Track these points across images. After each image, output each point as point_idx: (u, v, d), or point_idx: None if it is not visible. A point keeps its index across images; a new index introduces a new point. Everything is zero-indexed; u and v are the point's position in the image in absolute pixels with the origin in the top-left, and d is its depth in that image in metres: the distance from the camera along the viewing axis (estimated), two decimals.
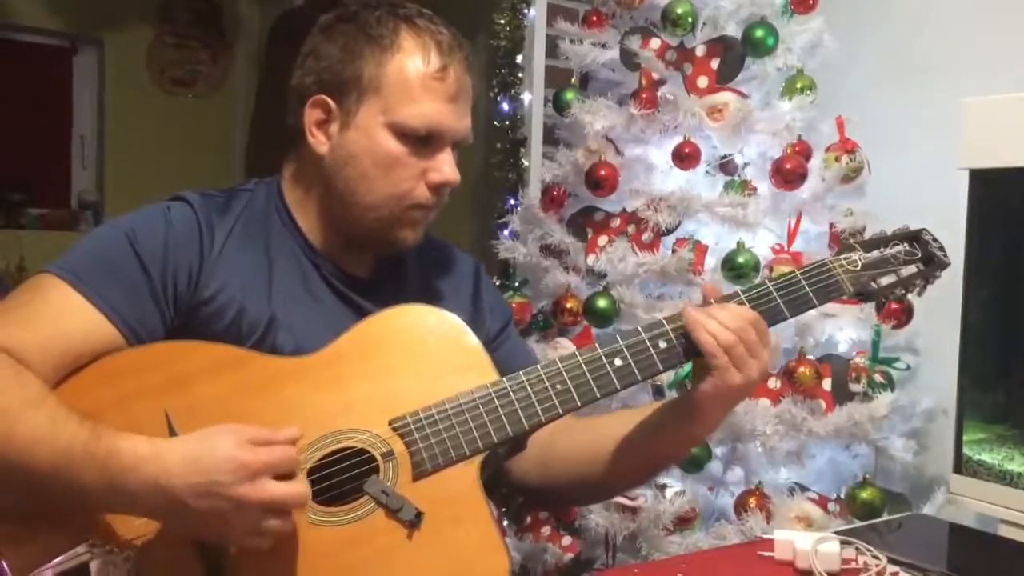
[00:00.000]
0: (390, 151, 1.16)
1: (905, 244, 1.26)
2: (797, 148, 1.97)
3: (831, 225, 1.98)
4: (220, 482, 0.95)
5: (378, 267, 1.28)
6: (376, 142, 1.16)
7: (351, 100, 1.17)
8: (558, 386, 1.14)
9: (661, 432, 1.23)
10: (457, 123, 1.18)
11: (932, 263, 1.26)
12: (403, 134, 1.16)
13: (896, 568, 1.23)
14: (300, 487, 0.99)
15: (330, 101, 1.18)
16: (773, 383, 1.89)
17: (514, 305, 2.29)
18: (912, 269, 1.26)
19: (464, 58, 1.19)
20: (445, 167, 1.18)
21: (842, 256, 1.24)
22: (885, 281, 1.25)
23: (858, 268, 1.23)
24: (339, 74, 1.17)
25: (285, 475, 0.98)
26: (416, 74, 1.15)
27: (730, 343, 1.12)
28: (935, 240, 1.27)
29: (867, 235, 1.40)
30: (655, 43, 2.12)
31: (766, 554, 1.24)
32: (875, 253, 1.25)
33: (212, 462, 0.95)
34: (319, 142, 1.19)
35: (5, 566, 0.97)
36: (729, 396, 1.17)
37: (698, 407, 1.18)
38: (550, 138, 2.58)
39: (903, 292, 1.27)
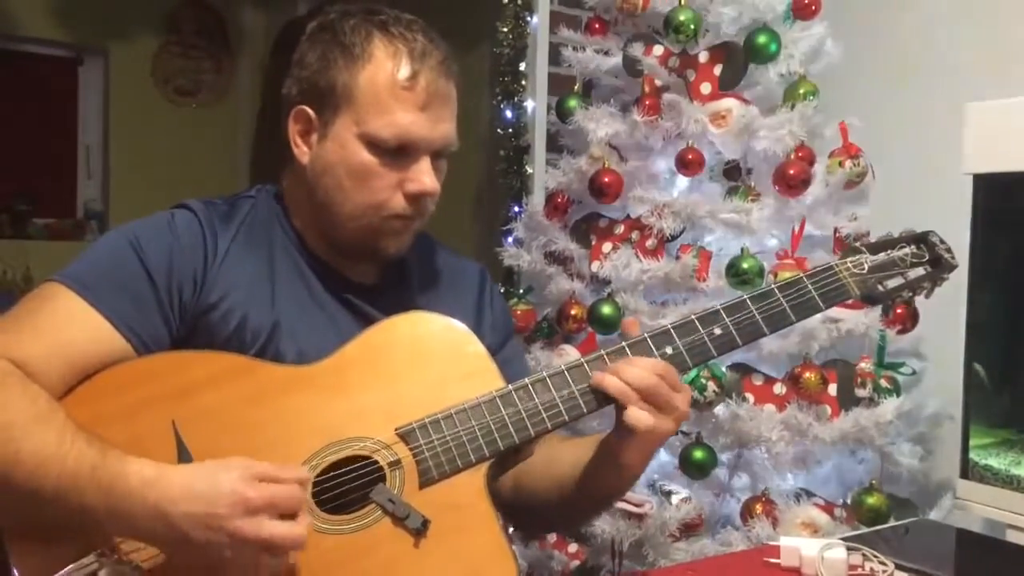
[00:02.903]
0: (363, 162, 1.15)
1: (912, 246, 1.26)
2: (800, 154, 1.97)
3: (835, 230, 1.98)
4: (218, 515, 0.94)
5: (381, 273, 1.28)
6: (349, 153, 1.16)
7: (328, 111, 1.17)
8: (564, 392, 1.14)
9: (595, 474, 1.21)
10: (431, 132, 1.16)
11: (940, 265, 1.25)
12: (375, 145, 1.15)
13: (903, 574, 1.23)
14: (299, 529, 0.97)
15: (310, 111, 1.18)
16: (779, 389, 1.89)
17: (519, 312, 2.29)
18: (919, 271, 1.25)
19: (439, 63, 1.17)
20: (423, 177, 1.17)
21: (848, 259, 1.23)
22: (892, 284, 1.24)
23: (864, 271, 1.23)
24: (316, 84, 1.17)
25: (288, 514, 0.97)
26: (385, 84, 1.14)
27: (648, 390, 1.10)
28: (942, 242, 1.27)
29: (872, 240, 1.40)
30: (658, 50, 2.12)
31: (772, 560, 1.25)
32: (882, 256, 1.25)
33: (213, 493, 0.95)
34: (302, 152, 1.20)
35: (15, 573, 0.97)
36: (645, 445, 1.15)
37: (618, 455, 1.16)
38: (553, 145, 2.59)
39: (910, 295, 1.26)
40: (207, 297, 1.15)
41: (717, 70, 2.04)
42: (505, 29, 2.67)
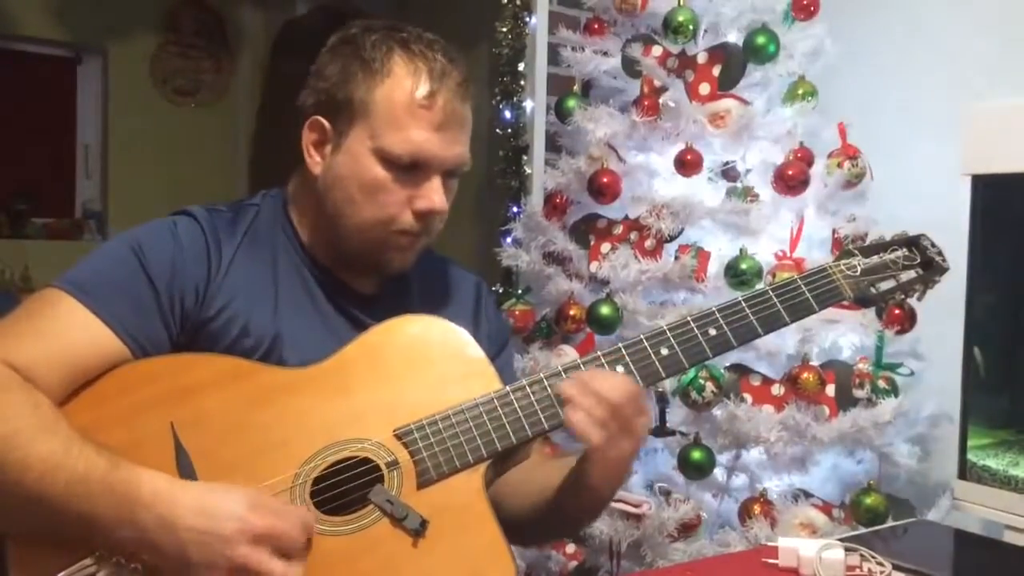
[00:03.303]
0: (375, 176, 1.15)
1: (904, 249, 1.27)
2: (799, 154, 1.98)
3: (834, 231, 1.98)
4: (221, 536, 0.95)
5: (382, 283, 1.28)
6: (362, 167, 1.16)
7: (343, 123, 1.17)
8: None
9: (568, 493, 1.20)
10: (445, 151, 1.16)
11: (931, 268, 1.27)
12: (388, 160, 1.15)
13: (901, 574, 1.23)
14: (295, 571, 0.98)
15: (325, 122, 1.18)
16: (777, 389, 1.89)
17: (517, 313, 2.29)
18: (911, 274, 1.26)
19: (458, 84, 1.17)
20: (433, 195, 1.17)
21: (842, 262, 1.25)
22: (885, 286, 1.25)
23: (857, 273, 1.24)
24: (334, 96, 1.17)
25: (286, 552, 0.98)
26: (403, 100, 1.14)
27: (603, 420, 1.09)
28: (933, 245, 1.28)
29: (869, 241, 1.41)
30: (657, 50, 2.13)
31: (770, 561, 1.25)
32: (874, 259, 1.26)
33: (220, 513, 0.96)
34: (314, 162, 1.20)
35: None
36: (607, 468, 1.14)
37: (584, 477, 1.15)
38: (552, 145, 2.59)
39: (903, 297, 1.28)
40: (209, 308, 1.14)
41: (716, 70, 2.05)
42: (504, 29, 2.67)
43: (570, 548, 2.10)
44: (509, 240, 2.42)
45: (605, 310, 2.00)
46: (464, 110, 1.19)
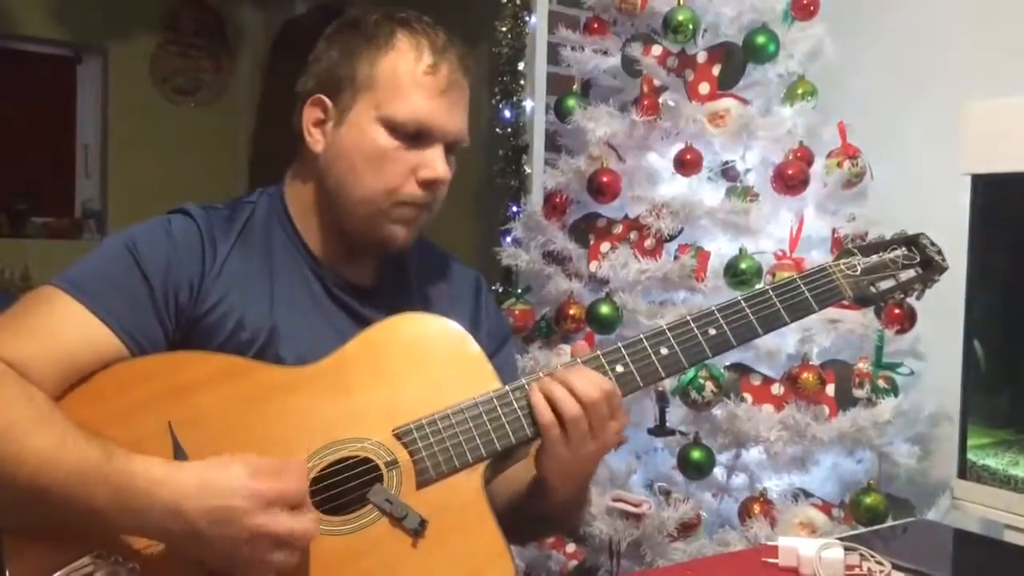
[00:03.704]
0: (380, 145, 1.17)
1: (903, 248, 1.27)
2: (799, 154, 1.97)
3: (833, 231, 1.98)
4: (236, 508, 0.95)
5: (380, 276, 1.28)
6: (367, 136, 1.17)
7: (346, 97, 1.18)
8: None
9: (528, 493, 1.21)
10: (448, 121, 1.18)
11: (930, 267, 1.27)
12: (393, 128, 1.16)
13: (900, 574, 1.23)
14: (310, 522, 0.99)
15: (327, 100, 1.20)
16: (777, 389, 1.89)
17: (517, 312, 2.29)
18: (911, 273, 1.26)
19: (458, 58, 1.20)
20: (436, 164, 1.18)
21: (841, 261, 1.25)
22: (884, 285, 1.25)
23: (857, 273, 1.24)
24: (335, 74, 1.19)
25: (295, 505, 0.98)
26: (408, 70, 1.17)
27: (573, 417, 1.10)
28: (933, 244, 1.28)
29: (868, 240, 1.41)
30: (656, 50, 2.12)
31: (770, 560, 1.25)
32: (874, 258, 1.26)
33: (227, 489, 0.96)
34: (315, 141, 1.20)
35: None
36: (567, 467, 1.15)
37: (543, 476, 1.17)
38: (552, 145, 2.59)
39: (902, 296, 1.28)
40: (203, 304, 1.15)
41: (716, 70, 2.04)
42: (504, 29, 2.67)
43: (570, 548, 2.10)
44: (509, 240, 2.42)
45: (605, 310, 2.00)
46: (464, 84, 1.21)
